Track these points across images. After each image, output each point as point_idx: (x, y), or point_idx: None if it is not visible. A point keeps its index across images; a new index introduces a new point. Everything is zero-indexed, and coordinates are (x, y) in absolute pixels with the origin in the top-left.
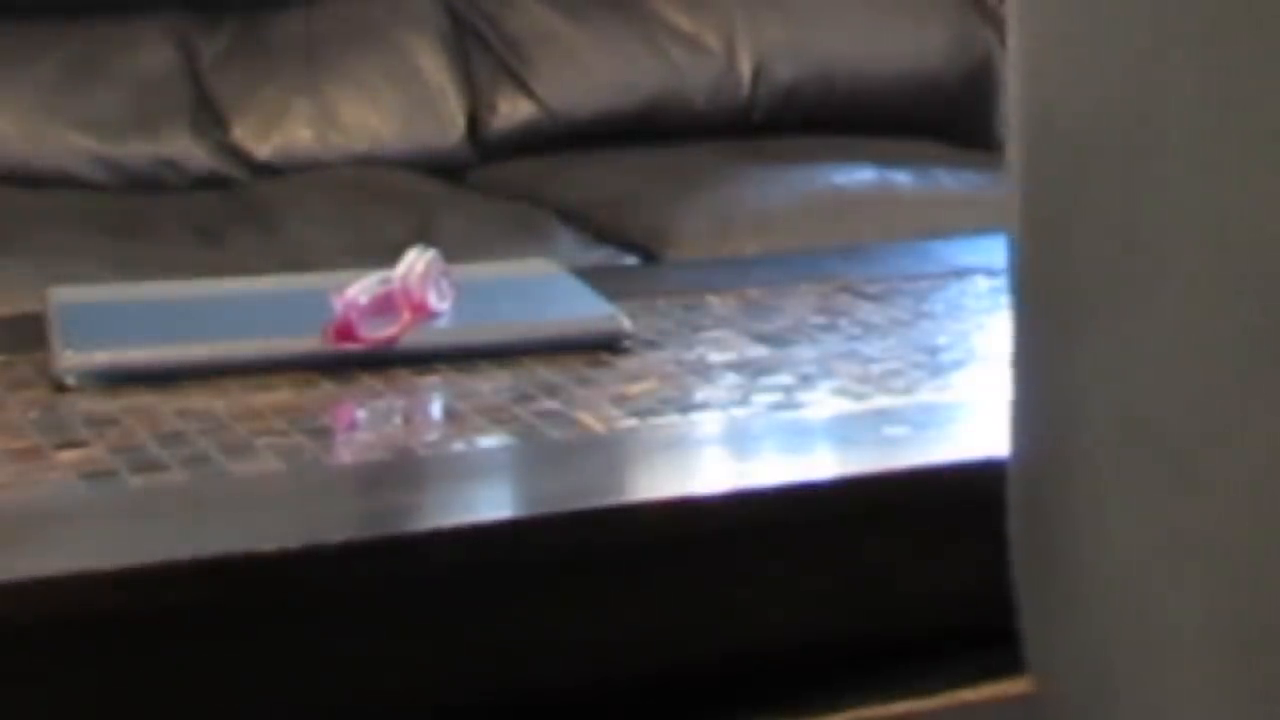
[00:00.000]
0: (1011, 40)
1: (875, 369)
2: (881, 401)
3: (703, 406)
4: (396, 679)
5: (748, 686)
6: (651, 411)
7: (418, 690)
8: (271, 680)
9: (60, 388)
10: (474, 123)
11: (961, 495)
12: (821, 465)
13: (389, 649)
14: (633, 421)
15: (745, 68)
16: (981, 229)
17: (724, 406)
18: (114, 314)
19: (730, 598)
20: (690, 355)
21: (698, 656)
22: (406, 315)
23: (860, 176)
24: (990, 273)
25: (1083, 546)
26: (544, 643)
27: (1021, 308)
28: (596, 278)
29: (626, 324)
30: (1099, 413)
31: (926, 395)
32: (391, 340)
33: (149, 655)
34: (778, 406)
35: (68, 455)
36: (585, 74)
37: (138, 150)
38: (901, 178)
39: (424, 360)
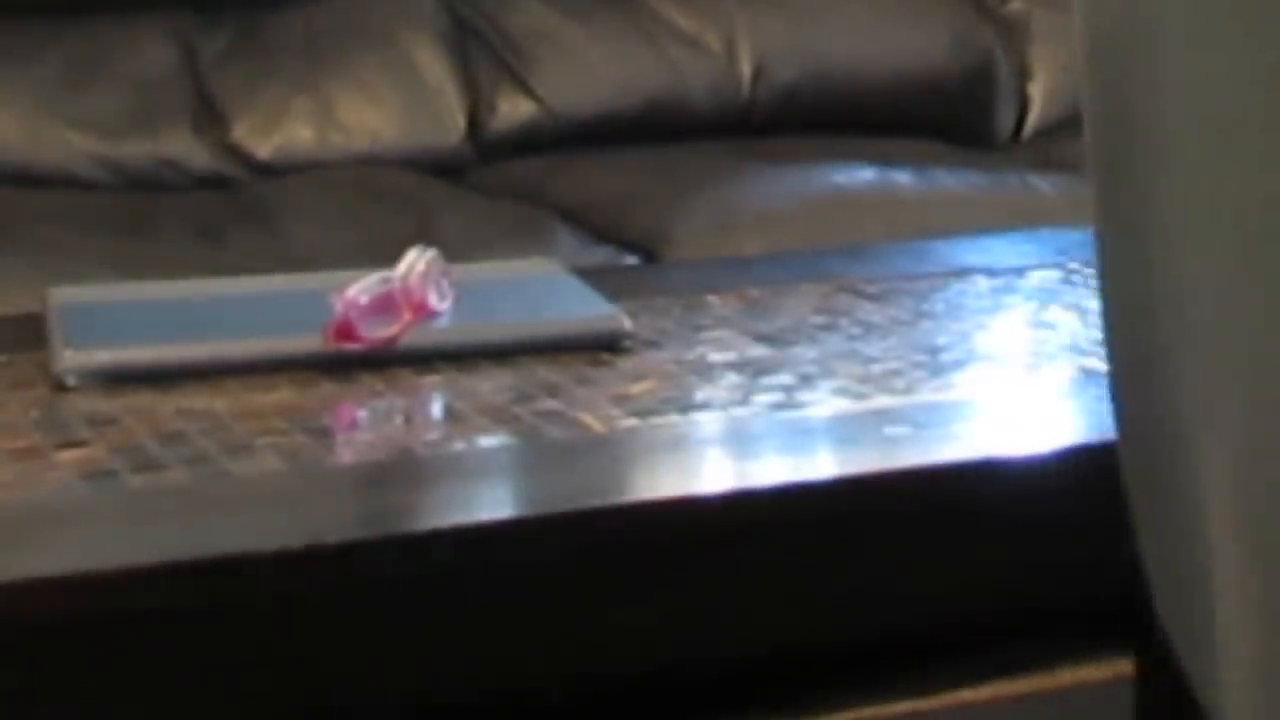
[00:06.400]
0: None
1: (875, 369)
2: (881, 401)
3: (703, 406)
4: (396, 679)
5: (748, 686)
6: (651, 411)
7: (417, 690)
8: (271, 680)
9: (60, 388)
10: (474, 123)
11: (961, 495)
12: (821, 465)
13: (389, 649)
14: (633, 421)
15: (745, 68)
16: (981, 229)
17: (724, 406)
18: (114, 314)
19: (730, 598)
20: (690, 355)
21: (698, 656)
22: (406, 315)
23: (860, 176)
24: (990, 273)
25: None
26: (544, 643)
27: (1102, 246)
28: (596, 278)
29: (626, 324)
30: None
31: (926, 395)
32: (391, 340)
33: (149, 655)
34: (778, 406)
35: (68, 455)
36: (585, 74)
37: (138, 150)
38: (901, 178)
39: (424, 360)
